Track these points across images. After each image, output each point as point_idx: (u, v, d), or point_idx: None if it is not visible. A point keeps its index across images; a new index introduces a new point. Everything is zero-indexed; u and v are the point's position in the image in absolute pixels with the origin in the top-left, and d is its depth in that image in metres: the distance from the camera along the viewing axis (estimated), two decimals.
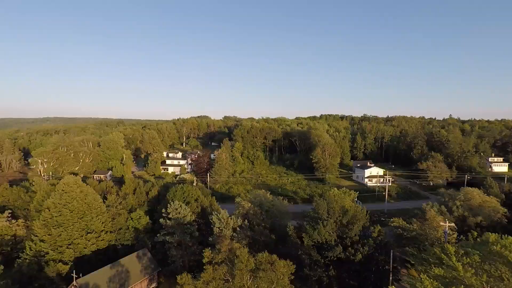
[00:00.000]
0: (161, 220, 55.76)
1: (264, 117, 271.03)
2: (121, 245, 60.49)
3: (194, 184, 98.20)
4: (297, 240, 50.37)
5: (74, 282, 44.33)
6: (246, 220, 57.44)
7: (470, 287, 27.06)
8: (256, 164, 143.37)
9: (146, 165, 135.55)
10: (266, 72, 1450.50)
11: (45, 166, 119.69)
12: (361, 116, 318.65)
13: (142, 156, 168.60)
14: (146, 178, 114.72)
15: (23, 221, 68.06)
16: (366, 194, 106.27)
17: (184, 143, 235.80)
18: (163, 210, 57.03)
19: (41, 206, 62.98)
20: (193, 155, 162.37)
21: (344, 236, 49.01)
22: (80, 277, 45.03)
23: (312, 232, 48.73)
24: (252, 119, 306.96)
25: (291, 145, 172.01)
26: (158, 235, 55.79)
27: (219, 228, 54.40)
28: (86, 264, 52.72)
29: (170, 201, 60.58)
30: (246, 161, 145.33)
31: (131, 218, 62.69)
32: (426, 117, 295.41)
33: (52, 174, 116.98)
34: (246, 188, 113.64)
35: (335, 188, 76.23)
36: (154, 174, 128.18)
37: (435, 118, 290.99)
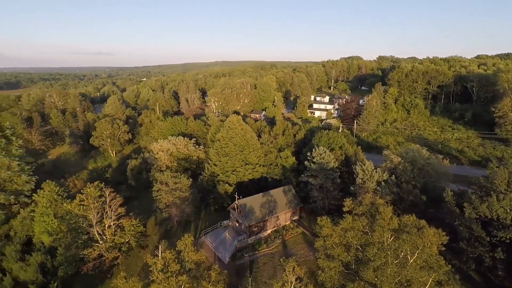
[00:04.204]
0: (306, 162, 59.45)
1: (431, 57, 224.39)
2: (271, 178, 69.41)
3: (340, 130, 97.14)
4: (455, 208, 43.44)
5: (236, 201, 55.38)
6: (393, 175, 53.49)
7: None
8: (412, 113, 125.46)
9: (295, 107, 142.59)
10: None
11: (216, 105, 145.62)
12: None
13: (291, 98, 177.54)
14: (294, 121, 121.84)
15: (203, 147, 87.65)
16: None
17: (332, 87, 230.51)
18: (308, 154, 60.27)
19: (214, 137, 78.60)
20: (340, 100, 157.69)
21: None
22: (240, 198, 55.70)
23: (478, 203, 40.59)
24: (413, 59, 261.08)
25: (464, 93, 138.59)
26: (302, 175, 60.37)
27: (362, 179, 53.34)
28: (244, 189, 64.23)
29: (315, 145, 63.00)
30: (400, 109, 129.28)
31: (280, 157, 69.75)
32: None
33: (221, 111, 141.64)
34: (397, 140, 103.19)
35: None
36: (302, 117, 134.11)
37: None
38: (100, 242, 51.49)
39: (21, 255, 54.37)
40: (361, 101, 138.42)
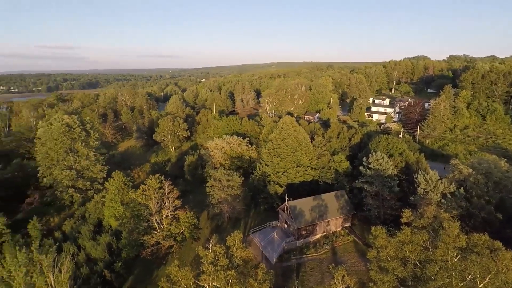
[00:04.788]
0: (361, 168, 56.66)
1: None
2: (323, 182, 67.64)
3: (400, 135, 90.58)
4: None
5: (286, 203, 55.15)
6: (462, 188, 48.11)
7: None
8: (489, 119, 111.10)
9: (351, 110, 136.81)
10: None
11: (270, 105, 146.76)
12: None
13: (348, 100, 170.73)
14: (350, 124, 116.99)
15: (256, 147, 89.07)
16: None
17: (393, 89, 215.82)
18: (364, 159, 57.36)
19: (267, 137, 79.34)
20: (402, 103, 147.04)
21: None
22: (290, 200, 55.34)
23: None
24: (492, 58, 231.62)
25: None
26: (356, 181, 57.68)
27: (424, 189, 49.03)
28: (295, 191, 63.62)
29: (372, 150, 59.71)
30: (473, 114, 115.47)
31: (333, 160, 67.59)
32: None
33: (274, 112, 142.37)
34: (468, 149, 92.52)
35: None
36: (358, 120, 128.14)
37: None
38: (158, 230, 55.61)
39: (93, 235, 61.37)
40: (426, 105, 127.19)
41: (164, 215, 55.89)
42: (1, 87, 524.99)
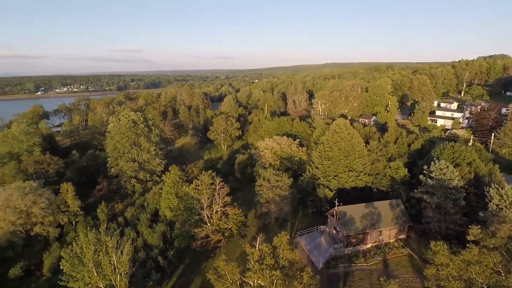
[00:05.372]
0: (421, 176, 52.28)
1: None
2: (376, 189, 64.02)
3: (470, 143, 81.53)
4: None
5: (336, 208, 53.34)
6: None
7: None
8: None
9: (412, 114, 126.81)
10: None
11: (323, 107, 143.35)
12: None
13: (408, 103, 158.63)
14: (410, 129, 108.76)
15: (306, 149, 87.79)
16: None
17: (463, 92, 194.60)
18: (425, 167, 52.84)
19: (318, 140, 77.66)
20: (473, 107, 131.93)
21: None
22: (340, 205, 53.40)
23: None
24: None
25: None
26: (415, 190, 53.43)
27: (497, 205, 43.45)
28: (345, 196, 61.23)
29: (434, 158, 54.75)
30: None
31: (389, 167, 63.54)
32: None
33: (327, 114, 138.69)
34: None
35: None
36: (419, 125, 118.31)
37: None
38: (208, 224, 58.04)
39: (150, 223, 66.51)
40: (503, 110, 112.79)
41: (214, 210, 58.13)
42: (81, 87, 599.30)
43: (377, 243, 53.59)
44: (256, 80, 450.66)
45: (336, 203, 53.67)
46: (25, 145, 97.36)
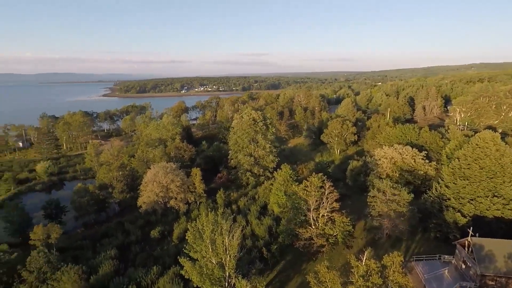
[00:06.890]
0: None
1: None
2: None
3: None
4: None
5: (469, 238, 44.08)
6: None
7: None
8: None
9: None
10: None
11: (462, 116, 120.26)
12: None
13: None
14: None
15: (435, 163, 75.77)
16: None
17: None
18: None
19: (452, 154, 65.86)
20: None
21: None
22: (475, 236, 43.82)
23: None
24: None
25: None
26: None
27: None
28: (485, 226, 49.90)
29: None
30: None
31: None
32: None
33: (467, 124, 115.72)
34: None
35: None
36: None
37: None
38: (313, 226, 57.49)
39: (259, 215, 71.01)
40: None
41: (320, 214, 57.15)
42: (214, 87, 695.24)
43: None
44: (379, 83, 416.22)
45: (470, 232, 44.27)
46: (170, 134, 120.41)
